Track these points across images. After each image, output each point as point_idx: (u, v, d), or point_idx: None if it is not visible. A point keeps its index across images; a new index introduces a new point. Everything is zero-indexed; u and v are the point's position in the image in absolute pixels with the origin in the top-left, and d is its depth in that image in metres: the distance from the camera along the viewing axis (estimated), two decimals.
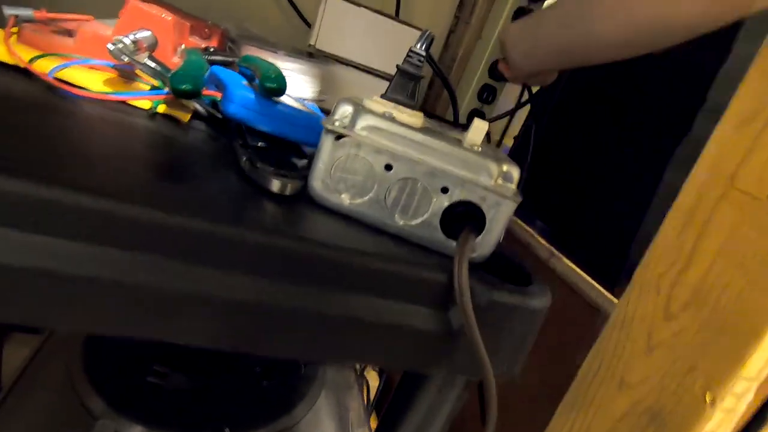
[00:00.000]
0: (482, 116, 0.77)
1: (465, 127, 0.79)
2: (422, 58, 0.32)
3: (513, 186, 0.27)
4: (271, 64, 0.34)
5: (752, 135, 0.32)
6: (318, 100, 0.52)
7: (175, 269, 0.21)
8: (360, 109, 0.27)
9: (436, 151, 0.27)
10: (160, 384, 0.45)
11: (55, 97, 0.29)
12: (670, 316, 0.36)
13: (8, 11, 0.37)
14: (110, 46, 0.31)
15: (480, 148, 0.29)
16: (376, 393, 0.71)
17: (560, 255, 0.61)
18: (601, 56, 0.40)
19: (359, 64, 0.58)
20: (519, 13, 0.71)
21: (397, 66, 0.32)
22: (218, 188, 0.27)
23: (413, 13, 0.78)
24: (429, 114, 0.81)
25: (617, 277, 0.54)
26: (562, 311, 0.55)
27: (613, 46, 0.37)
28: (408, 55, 0.32)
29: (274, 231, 0.23)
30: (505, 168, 0.27)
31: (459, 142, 0.28)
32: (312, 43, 0.56)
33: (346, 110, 0.27)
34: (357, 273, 0.24)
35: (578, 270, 0.58)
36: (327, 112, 0.54)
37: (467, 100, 0.76)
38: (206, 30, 0.48)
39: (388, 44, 0.57)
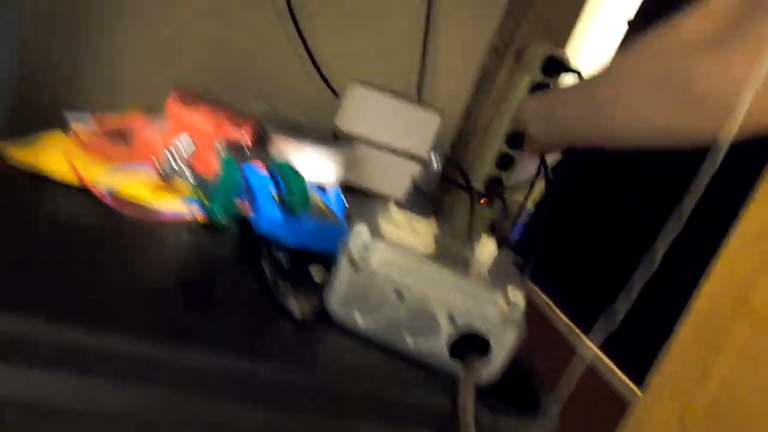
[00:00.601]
0: (500, 183, 0.79)
1: (484, 195, 0.80)
2: (435, 177, 0.34)
3: (519, 313, 0.29)
4: (298, 176, 0.37)
5: (762, 253, 0.33)
6: (341, 182, 0.55)
7: (184, 402, 0.23)
8: (375, 236, 0.29)
9: (444, 282, 0.28)
10: None
11: (103, 209, 0.33)
12: (686, 429, 0.35)
13: (70, 118, 0.42)
14: (159, 170, 0.35)
15: (488, 269, 0.30)
16: None
17: (579, 332, 0.60)
18: (614, 147, 0.41)
19: (382, 143, 0.61)
20: (536, 88, 0.73)
21: (413, 182, 0.35)
22: (240, 307, 0.29)
23: (437, 84, 0.82)
24: (449, 181, 0.82)
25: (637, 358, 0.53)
26: (581, 396, 0.54)
27: (628, 142, 0.38)
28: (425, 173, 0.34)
29: (284, 362, 0.25)
30: (510, 296, 0.29)
31: (468, 265, 0.30)
32: (337, 124, 0.60)
33: (361, 237, 0.29)
34: (363, 399, 0.26)
35: (598, 351, 0.57)
36: (350, 190, 0.57)
37: (486, 167, 0.78)
38: (239, 120, 0.53)
39: (408, 125, 0.61)
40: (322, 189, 0.48)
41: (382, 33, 0.79)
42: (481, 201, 0.78)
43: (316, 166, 0.53)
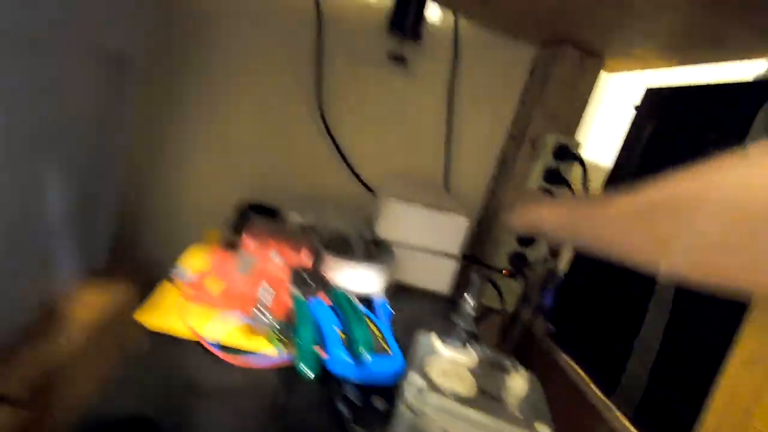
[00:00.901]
0: (523, 259, 0.86)
1: (507, 270, 0.86)
2: (471, 319, 0.42)
3: None
4: (357, 312, 0.46)
5: (760, 376, 0.38)
6: (385, 291, 0.64)
7: None
8: (427, 385, 0.37)
9: (484, 426, 0.36)
10: None
11: (215, 360, 0.43)
12: None
13: (175, 274, 0.53)
14: (251, 323, 0.44)
15: (519, 404, 0.38)
16: None
17: (612, 406, 0.65)
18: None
19: (418, 247, 0.70)
20: (549, 173, 0.82)
21: (453, 319, 0.43)
22: None
23: (462, 169, 0.91)
24: (476, 261, 0.90)
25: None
26: None
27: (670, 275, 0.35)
28: (461, 312, 0.43)
29: None
30: None
31: (502, 402, 0.38)
32: (377, 233, 0.70)
33: (415, 386, 0.38)
34: None
35: (631, 428, 0.61)
36: (393, 291, 0.65)
37: (508, 244, 0.85)
38: (297, 243, 0.63)
39: (440, 229, 0.70)
40: (369, 305, 0.57)
41: (410, 129, 0.90)
42: (505, 273, 0.85)
43: (363, 280, 0.62)
